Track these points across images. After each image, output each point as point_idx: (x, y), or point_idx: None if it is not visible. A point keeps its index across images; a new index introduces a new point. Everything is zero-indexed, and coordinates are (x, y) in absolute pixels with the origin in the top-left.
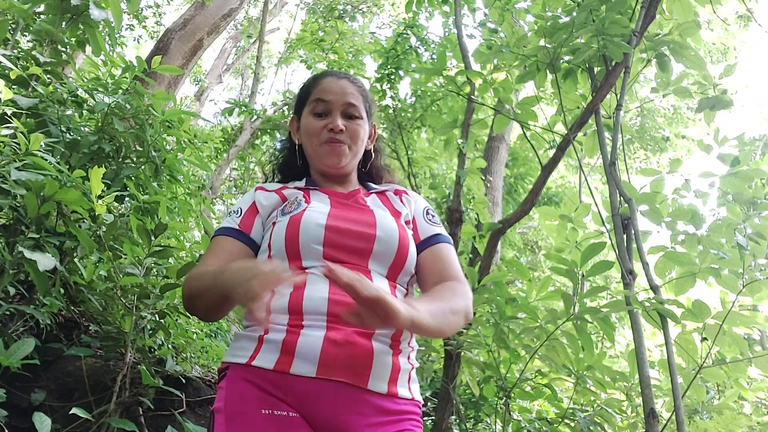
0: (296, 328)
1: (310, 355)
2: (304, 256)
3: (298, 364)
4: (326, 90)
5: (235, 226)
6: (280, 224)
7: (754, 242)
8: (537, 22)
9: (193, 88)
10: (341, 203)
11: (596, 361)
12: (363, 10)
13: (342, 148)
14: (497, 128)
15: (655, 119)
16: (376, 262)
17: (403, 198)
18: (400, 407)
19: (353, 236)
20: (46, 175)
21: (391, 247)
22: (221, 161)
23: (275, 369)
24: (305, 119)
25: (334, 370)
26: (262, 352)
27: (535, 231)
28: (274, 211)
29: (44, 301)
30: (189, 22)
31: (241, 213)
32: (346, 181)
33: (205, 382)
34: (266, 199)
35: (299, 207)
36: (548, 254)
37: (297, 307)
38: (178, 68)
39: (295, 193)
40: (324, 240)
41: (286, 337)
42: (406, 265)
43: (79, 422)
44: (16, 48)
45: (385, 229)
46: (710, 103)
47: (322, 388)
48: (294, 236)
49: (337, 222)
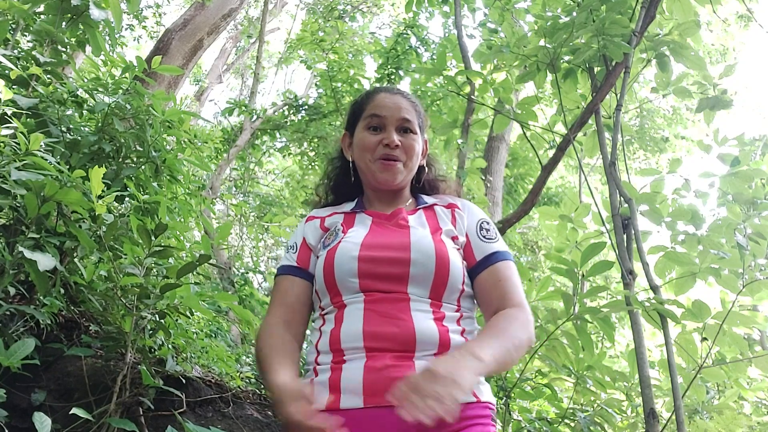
0: (339, 364)
1: (354, 388)
2: (342, 291)
3: (346, 399)
4: (381, 105)
5: (293, 263)
6: (320, 259)
7: (754, 242)
8: (537, 22)
9: (193, 88)
10: (381, 226)
11: (596, 361)
12: (363, 10)
13: (397, 167)
14: (497, 128)
15: (654, 120)
16: (416, 286)
17: (455, 213)
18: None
19: (387, 263)
20: (46, 175)
21: (429, 267)
22: (221, 161)
23: (327, 408)
24: (359, 134)
25: (379, 396)
26: (316, 394)
27: (535, 231)
28: (318, 244)
29: (44, 301)
30: (189, 22)
31: (296, 248)
32: (399, 195)
33: (206, 382)
34: (312, 235)
35: (336, 238)
36: (548, 254)
37: (336, 345)
38: (178, 68)
39: (335, 222)
40: (358, 272)
41: (331, 376)
42: (450, 283)
43: (80, 422)
44: (16, 48)
45: (421, 250)
46: (710, 104)
47: (371, 415)
48: (330, 272)
49: (370, 251)
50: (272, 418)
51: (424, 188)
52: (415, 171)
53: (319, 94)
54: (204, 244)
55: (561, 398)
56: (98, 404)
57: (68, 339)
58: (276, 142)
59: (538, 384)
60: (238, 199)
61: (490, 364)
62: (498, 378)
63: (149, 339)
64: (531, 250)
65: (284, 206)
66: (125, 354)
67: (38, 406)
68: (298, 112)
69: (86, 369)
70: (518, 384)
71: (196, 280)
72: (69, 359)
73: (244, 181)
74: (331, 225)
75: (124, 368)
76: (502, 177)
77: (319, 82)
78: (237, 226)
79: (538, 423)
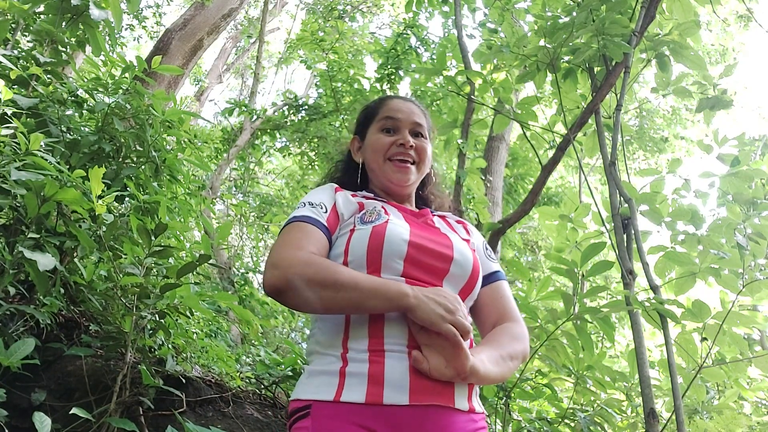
0: (379, 356)
1: (400, 383)
2: (384, 268)
3: (390, 394)
4: (395, 109)
5: (323, 221)
6: (361, 233)
7: (754, 242)
8: (537, 22)
9: (193, 88)
10: (414, 221)
11: (596, 361)
12: (363, 10)
13: (410, 168)
14: (497, 128)
15: (653, 120)
16: (450, 284)
17: (468, 228)
18: (477, 424)
19: (433, 255)
20: (46, 175)
21: (466, 270)
22: (221, 161)
23: (367, 402)
24: (373, 136)
25: (424, 394)
26: (348, 387)
27: (535, 231)
28: (352, 217)
29: (44, 301)
30: (189, 22)
31: (326, 209)
32: (406, 200)
33: (205, 382)
34: (345, 206)
35: (380, 218)
36: (548, 254)
37: (377, 335)
38: (178, 68)
39: (373, 203)
40: (406, 256)
41: (371, 368)
42: (474, 291)
43: (80, 422)
44: (16, 48)
45: (462, 252)
46: (710, 104)
47: (414, 414)
48: (378, 247)
49: (419, 239)
50: (272, 418)
51: (425, 200)
52: (424, 176)
53: (319, 94)
54: (204, 244)
55: (561, 398)
56: (98, 404)
57: (68, 339)
58: (276, 142)
59: (538, 384)
60: (238, 199)
61: (487, 366)
62: None
63: (149, 339)
64: (531, 250)
65: (284, 206)
66: (125, 354)
67: (38, 406)
68: (298, 112)
69: (86, 369)
70: (518, 384)
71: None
72: (69, 359)
73: (244, 181)
74: (368, 205)
75: (124, 368)
76: (502, 177)
77: (319, 82)
78: (237, 226)
79: (538, 423)
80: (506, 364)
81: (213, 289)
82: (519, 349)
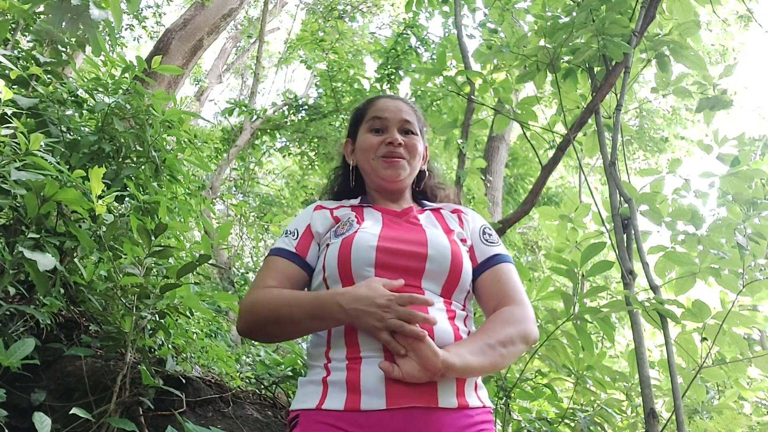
0: (355, 363)
1: (376, 389)
2: (357, 279)
3: (367, 400)
4: (382, 108)
5: (291, 248)
6: (333, 246)
7: (754, 242)
8: (537, 22)
9: (193, 88)
10: (393, 221)
11: (596, 361)
12: (363, 10)
13: (400, 162)
14: (497, 128)
15: (653, 120)
16: (430, 281)
17: (462, 217)
18: (473, 419)
19: (404, 256)
20: (46, 175)
21: (444, 265)
22: (221, 161)
23: (346, 408)
24: (362, 137)
25: (402, 397)
26: (330, 395)
27: (535, 231)
28: (327, 233)
29: (44, 301)
30: (189, 22)
31: (297, 235)
32: (401, 198)
33: (205, 382)
34: (321, 224)
35: (351, 228)
36: (548, 254)
37: (352, 340)
38: (178, 68)
39: (348, 213)
40: (375, 262)
41: (348, 376)
42: (461, 282)
43: (79, 422)
44: (16, 48)
45: (437, 247)
46: (710, 104)
47: (394, 417)
48: (346, 259)
49: (387, 243)
50: (272, 418)
51: (425, 194)
52: (417, 171)
53: (319, 94)
54: (204, 244)
55: (561, 398)
56: (98, 404)
57: (68, 339)
58: (276, 142)
59: (538, 384)
60: (238, 199)
61: (465, 357)
62: (498, 378)
63: (149, 339)
64: (531, 250)
65: (284, 206)
66: (125, 354)
67: (38, 406)
68: (298, 112)
69: (86, 369)
70: (518, 384)
71: (196, 280)
72: (69, 359)
73: (244, 181)
74: (342, 216)
75: (124, 368)
76: (502, 177)
77: (319, 82)
78: (237, 226)
79: (538, 423)
80: (495, 351)
81: (213, 289)
82: (513, 333)
